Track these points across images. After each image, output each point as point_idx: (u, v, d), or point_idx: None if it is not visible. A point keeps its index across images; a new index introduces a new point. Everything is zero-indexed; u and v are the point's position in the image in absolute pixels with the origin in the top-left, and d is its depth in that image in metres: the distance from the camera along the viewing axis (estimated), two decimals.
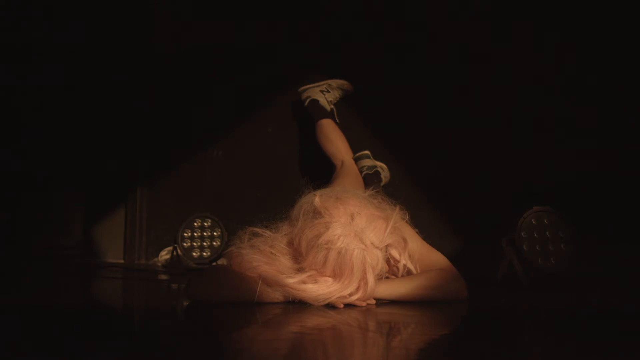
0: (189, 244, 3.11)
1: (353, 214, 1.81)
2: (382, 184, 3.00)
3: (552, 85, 3.08)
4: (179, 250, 3.10)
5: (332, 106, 3.10)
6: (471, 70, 3.13)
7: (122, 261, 3.34)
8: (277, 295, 1.82)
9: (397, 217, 1.90)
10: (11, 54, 3.37)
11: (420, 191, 3.12)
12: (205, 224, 3.13)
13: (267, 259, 1.84)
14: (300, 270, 1.82)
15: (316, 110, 3.08)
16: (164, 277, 2.87)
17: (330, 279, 1.78)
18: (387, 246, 1.86)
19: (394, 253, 1.91)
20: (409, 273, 1.96)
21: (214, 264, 3.04)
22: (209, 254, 3.10)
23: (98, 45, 3.37)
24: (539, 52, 3.09)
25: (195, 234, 3.12)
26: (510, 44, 3.10)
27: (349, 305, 1.80)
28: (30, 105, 3.43)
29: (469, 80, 3.13)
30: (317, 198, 1.87)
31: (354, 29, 3.26)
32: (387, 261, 1.91)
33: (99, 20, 3.37)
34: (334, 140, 3.01)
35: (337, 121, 3.09)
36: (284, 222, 1.96)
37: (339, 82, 3.17)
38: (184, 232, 3.12)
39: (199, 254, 3.11)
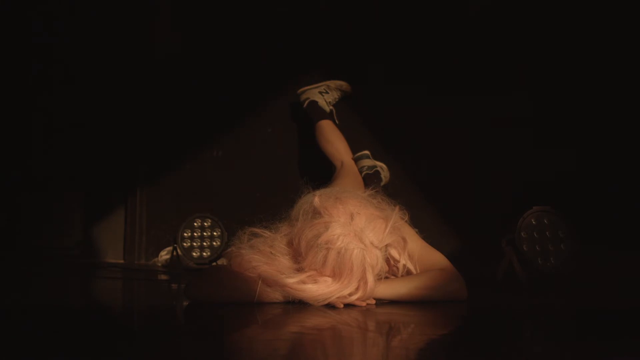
0: (189, 244, 3.11)
1: (352, 214, 1.81)
2: (382, 184, 2.99)
3: (552, 85, 3.08)
4: (179, 250, 3.09)
5: (331, 107, 3.10)
6: (471, 70, 3.13)
7: (122, 261, 3.34)
8: (276, 295, 1.82)
9: (396, 217, 1.90)
10: (11, 53, 3.37)
11: (420, 191, 3.11)
12: (205, 224, 3.13)
13: (266, 259, 1.84)
14: (299, 270, 1.82)
15: (315, 112, 3.07)
16: (164, 277, 2.87)
17: (329, 279, 1.78)
18: (386, 246, 1.86)
19: (394, 253, 1.90)
20: (408, 273, 1.96)
21: (214, 264, 3.04)
22: (209, 254, 3.10)
23: (98, 45, 3.37)
24: (539, 51, 3.09)
25: (195, 234, 3.12)
26: (510, 43, 3.10)
27: (348, 305, 1.80)
28: (30, 105, 3.43)
29: (469, 80, 3.13)
30: (317, 198, 1.87)
31: (353, 29, 3.26)
32: (387, 261, 1.91)
33: (99, 20, 3.37)
34: (333, 142, 3.01)
35: (337, 122, 3.08)
36: (283, 222, 1.96)
37: (338, 83, 3.16)
38: (184, 232, 3.11)
39: (199, 254, 3.11)
